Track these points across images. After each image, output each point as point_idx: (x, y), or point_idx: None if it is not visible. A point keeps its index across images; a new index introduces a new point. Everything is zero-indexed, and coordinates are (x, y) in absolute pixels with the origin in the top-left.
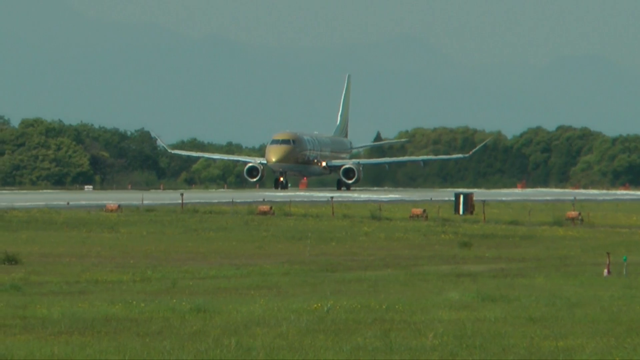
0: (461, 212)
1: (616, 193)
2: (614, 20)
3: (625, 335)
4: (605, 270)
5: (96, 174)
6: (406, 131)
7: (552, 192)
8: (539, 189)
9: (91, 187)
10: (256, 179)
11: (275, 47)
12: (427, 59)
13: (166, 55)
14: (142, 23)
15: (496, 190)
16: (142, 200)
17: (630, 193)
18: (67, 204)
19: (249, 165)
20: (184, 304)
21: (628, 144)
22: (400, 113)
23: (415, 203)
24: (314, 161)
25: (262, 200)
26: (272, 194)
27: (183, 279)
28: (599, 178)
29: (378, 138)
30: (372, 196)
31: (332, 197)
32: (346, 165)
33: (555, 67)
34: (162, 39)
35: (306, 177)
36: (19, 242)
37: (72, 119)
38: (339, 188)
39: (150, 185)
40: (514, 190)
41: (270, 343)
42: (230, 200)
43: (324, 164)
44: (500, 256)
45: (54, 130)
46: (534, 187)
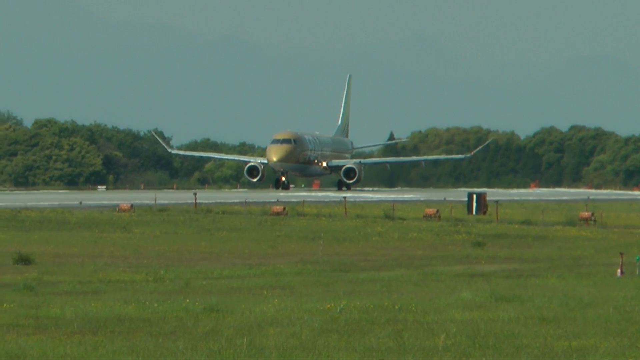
0: (474, 212)
1: (629, 193)
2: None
3: (638, 335)
4: (619, 271)
5: (109, 174)
6: (419, 131)
7: (565, 192)
8: (552, 189)
9: (104, 187)
10: (257, 179)
11: (289, 47)
12: (441, 59)
13: (179, 55)
14: (156, 23)
15: (509, 190)
16: (155, 200)
17: None
18: (80, 204)
19: (249, 164)
20: (197, 304)
21: None
22: (414, 113)
23: (428, 203)
24: (315, 161)
25: (275, 200)
26: (286, 194)
27: (196, 279)
28: (612, 178)
29: (391, 138)
30: (385, 196)
31: (344, 197)
32: (347, 165)
33: (568, 67)
34: (175, 39)
35: (307, 177)
36: (32, 242)
37: (85, 119)
38: (339, 188)
39: (163, 185)
40: (527, 190)
41: (283, 343)
42: (244, 201)
43: (324, 164)
44: (514, 256)
45: (67, 131)
46: (547, 187)
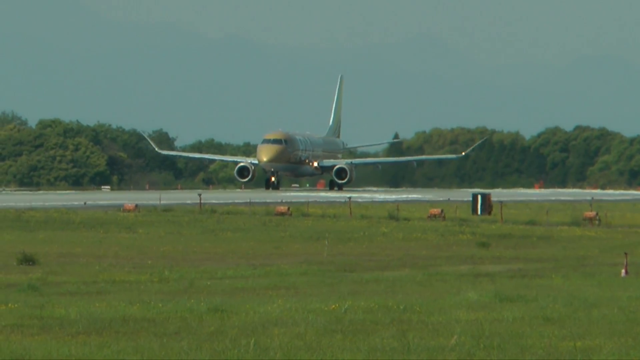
0: (479, 212)
1: (634, 193)
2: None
3: None
4: (623, 271)
5: (114, 174)
6: (423, 131)
7: (569, 192)
8: (556, 189)
9: (109, 187)
10: (247, 179)
11: (293, 47)
12: (445, 59)
13: (184, 55)
14: (160, 23)
15: (514, 190)
16: (160, 201)
17: None
18: (85, 204)
19: (239, 165)
20: (201, 304)
21: None
22: (418, 113)
23: (433, 203)
24: (306, 161)
25: (279, 201)
26: (290, 194)
27: (201, 279)
28: (617, 178)
29: (396, 138)
30: (389, 196)
31: (349, 198)
32: (338, 166)
33: (573, 67)
34: (179, 39)
35: (298, 177)
36: (36, 243)
37: (89, 120)
38: (331, 188)
39: (168, 186)
40: (531, 190)
41: (287, 343)
42: (248, 201)
43: (315, 164)
44: (518, 256)
45: (72, 131)
46: (551, 187)
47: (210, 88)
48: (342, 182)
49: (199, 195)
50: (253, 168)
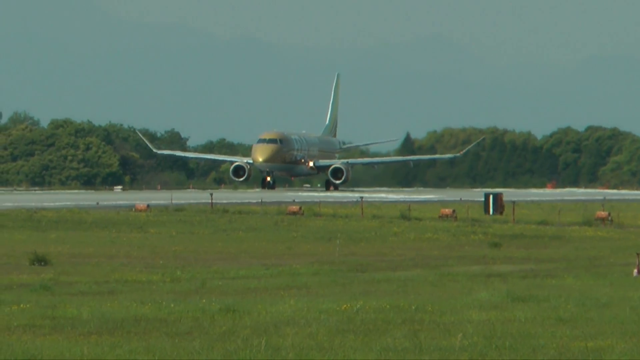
0: (491, 212)
1: None
2: None
3: None
4: (635, 271)
5: (126, 174)
6: (434, 131)
7: (581, 192)
8: (568, 189)
9: (120, 187)
10: (243, 179)
11: (305, 47)
12: (457, 58)
13: (196, 55)
14: (171, 23)
15: (526, 190)
16: (172, 200)
17: None
18: (97, 204)
19: (235, 164)
20: (213, 304)
21: None
22: (430, 113)
23: (444, 203)
24: (302, 161)
25: (291, 200)
26: (302, 194)
27: (212, 279)
28: (629, 178)
29: (408, 138)
30: (401, 196)
31: (361, 198)
32: (334, 165)
33: (585, 67)
34: (191, 39)
35: (293, 177)
36: (48, 242)
37: (101, 120)
38: (327, 188)
39: (179, 186)
40: (543, 190)
41: (299, 343)
42: (260, 201)
43: (311, 163)
44: (530, 256)
45: (84, 131)
46: (563, 187)
47: (222, 88)
48: (338, 182)
49: (211, 194)
50: (249, 168)
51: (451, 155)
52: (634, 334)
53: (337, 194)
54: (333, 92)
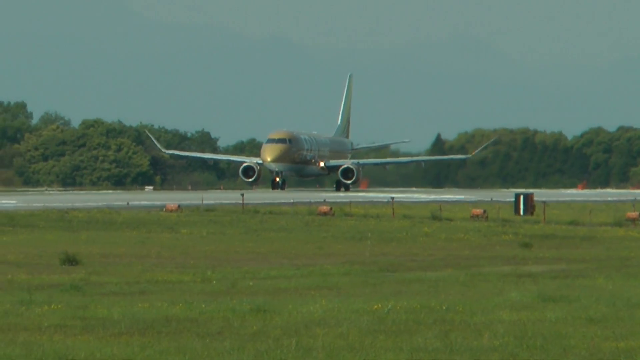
0: (521, 212)
1: None
2: None
3: None
4: None
5: (156, 174)
6: (465, 132)
7: (612, 193)
8: (599, 190)
9: (151, 187)
10: (252, 179)
11: (336, 48)
12: (488, 59)
13: (226, 55)
14: (201, 23)
15: (556, 191)
16: (202, 201)
17: None
18: (127, 204)
19: (244, 165)
20: (244, 304)
21: None
22: (461, 114)
23: (475, 204)
24: (312, 161)
25: (322, 200)
26: (333, 194)
27: (243, 279)
28: None
29: (438, 139)
30: (432, 197)
31: (392, 198)
32: (344, 166)
33: (616, 67)
34: (222, 40)
35: (303, 178)
36: (79, 243)
37: (132, 120)
38: (338, 189)
39: (210, 186)
40: (574, 190)
41: (330, 343)
42: (291, 201)
43: (322, 164)
44: (561, 257)
45: (114, 131)
46: (594, 187)
47: (252, 88)
48: (348, 182)
49: (242, 195)
50: (258, 168)
51: (463, 156)
52: None
53: (370, 194)
54: (345, 93)
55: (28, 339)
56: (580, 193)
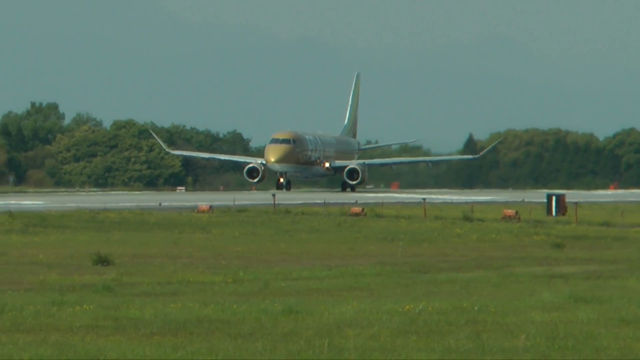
0: (553, 213)
1: None
2: None
3: None
4: None
5: (188, 175)
6: (498, 132)
7: None
8: (631, 190)
9: (183, 188)
10: (256, 180)
11: (368, 49)
12: (519, 59)
13: (258, 56)
14: (233, 24)
15: (588, 192)
16: (234, 201)
17: None
18: (159, 205)
19: (249, 165)
20: (276, 305)
21: None
22: (492, 114)
23: (507, 204)
24: (317, 161)
25: (354, 201)
26: (365, 195)
27: (275, 280)
28: None
29: (470, 140)
30: (464, 197)
31: (424, 199)
32: (350, 166)
33: None
34: (253, 40)
35: (308, 178)
36: (111, 243)
37: (164, 121)
38: (343, 189)
39: (242, 187)
40: (606, 191)
41: (362, 344)
42: (322, 202)
43: (327, 164)
44: (593, 257)
45: (146, 132)
46: (626, 188)
47: (283, 89)
48: (354, 182)
49: (273, 195)
50: (262, 169)
51: (470, 156)
52: None
53: (401, 195)
54: (352, 92)
55: (60, 339)
56: (612, 194)
